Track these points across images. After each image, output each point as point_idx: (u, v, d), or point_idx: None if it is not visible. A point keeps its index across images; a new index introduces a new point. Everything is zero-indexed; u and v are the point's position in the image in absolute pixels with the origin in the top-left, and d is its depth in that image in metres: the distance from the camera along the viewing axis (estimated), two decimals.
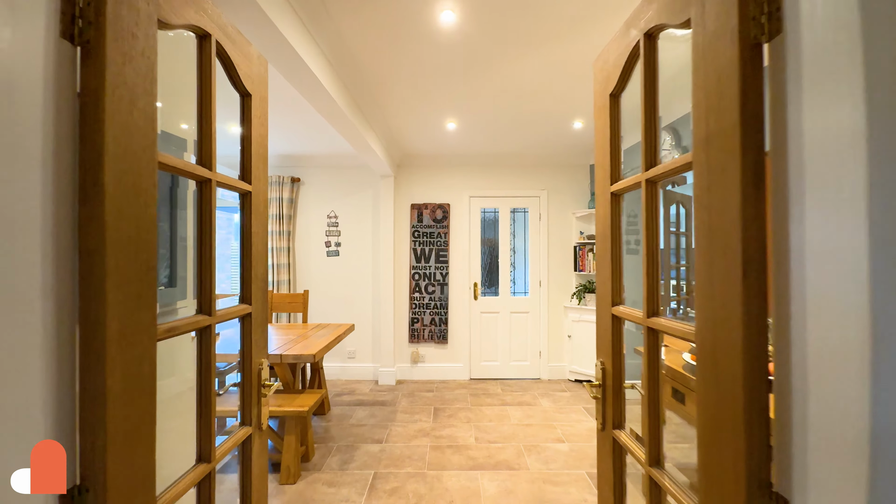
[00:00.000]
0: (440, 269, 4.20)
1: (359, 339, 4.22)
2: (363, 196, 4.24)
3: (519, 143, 3.72)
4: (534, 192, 4.24)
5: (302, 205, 4.24)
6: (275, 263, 4.06)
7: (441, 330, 4.20)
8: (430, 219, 4.22)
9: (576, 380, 4.10)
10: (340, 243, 4.22)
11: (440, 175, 4.25)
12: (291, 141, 3.66)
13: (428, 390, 3.87)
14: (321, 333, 3.01)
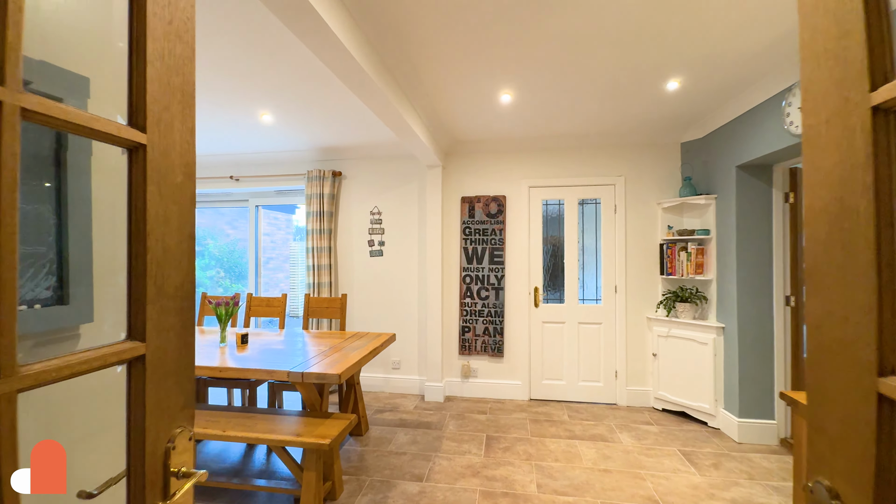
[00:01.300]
0: (495, 271, 3.66)
1: (404, 349, 3.81)
2: (408, 189, 3.82)
3: (589, 117, 3.05)
4: (607, 180, 3.52)
5: (344, 200, 3.93)
6: (315, 265, 3.78)
7: (496, 341, 3.65)
8: (483, 213, 3.68)
9: (663, 409, 3.32)
10: (384, 242, 3.85)
11: (494, 163, 3.70)
12: (331, 132, 3.34)
13: (480, 411, 3.34)
14: (357, 345, 2.62)
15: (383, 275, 3.85)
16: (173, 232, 0.65)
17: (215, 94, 2.58)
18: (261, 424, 2.10)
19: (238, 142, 3.63)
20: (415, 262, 3.80)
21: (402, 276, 3.81)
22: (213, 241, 6.04)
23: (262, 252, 6.17)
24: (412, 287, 3.80)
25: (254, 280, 4.44)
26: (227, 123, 3.10)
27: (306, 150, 3.86)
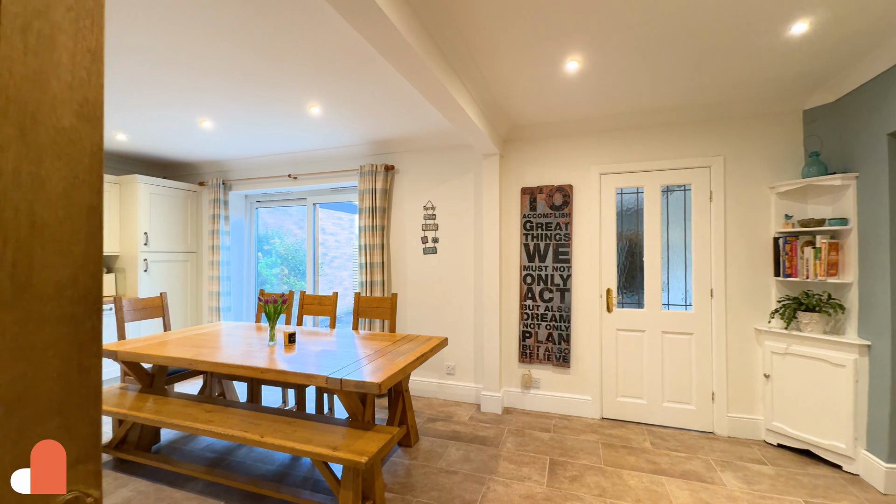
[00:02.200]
0: (560, 270, 3.24)
1: (459, 353, 3.54)
2: (463, 182, 3.54)
3: (679, 85, 2.52)
4: (701, 161, 2.93)
5: (396, 196, 3.76)
6: (367, 262, 3.66)
7: (561, 349, 3.22)
8: (547, 206, 3.28)
9: (779, 444, 2.66)
10: (438, 239, 3.61)
11: (558, 148, 3.28)
12: (382, 123, 3.18)
13: (543, 428, 2.95)
14: (405, 349, 2.40)
15: (437, 273, 3.61)
16: (53, 200, 0.43)
17: (260, 81, 2.52)
18: (300, 432, 1.96)
19: (294, 140, 3.62)
20: (470, 259, 3.51)
21: (456, 274, 3.55)
22: (280, 240, 6.30)
23: (320, 250, 6.30)
24: (467, 287, 3.51)
25: (311, 278, 4.47)
26: (278, 117, 3.07)
27: (358, 144, 3.76)
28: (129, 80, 2.42)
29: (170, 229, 4.23)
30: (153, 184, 4.06)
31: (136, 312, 3.00)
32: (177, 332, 2.91)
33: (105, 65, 2.17)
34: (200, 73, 2.32)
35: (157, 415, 2.19)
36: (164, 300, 3.18)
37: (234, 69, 2.27)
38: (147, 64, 2.22)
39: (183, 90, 2.55)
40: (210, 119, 3.07)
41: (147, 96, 2.65)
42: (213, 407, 2.30)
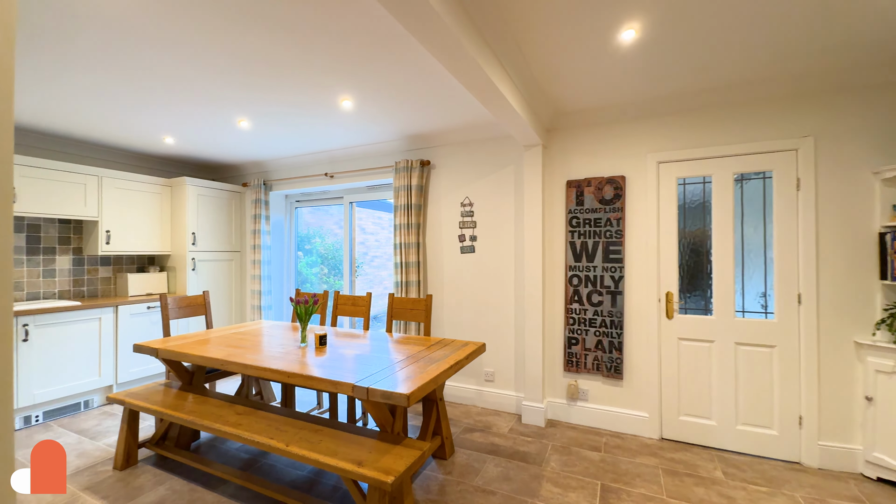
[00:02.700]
0: (611, 270, 2.92)
1: (499, 359, 3.32)
2: (503, 176, 3.31)
3: (757, 54, 2.14)
4: (784, 143, 2.50)
5: (432, 192, 3.60)
6: (403, 262, 3.53)
7: (612, 359, 2.90)
8: (595, 199, 2.97)
9: (879, 479, 2.20)
10: (476, 237, 3.40)
11: (609, 136, 2.96)
12: (416, 116, 3.03)
13: (592, 446, 2.66)
14: (439, 355, 2.23)
15: (475, 274, 3.41)
16: None
17: (290, 73, 2.44)
18: (325, 442, 1.84)
19: (329, 137, 3.57)
20: (510, 259, 3.27)
21: (495, 275, 3.32)
22: (321, 239, 6.38)
23: (360, 249, 6.29)
24: (507, 288, 3.28)
25: (348, 277, 4.43)
26: (310, 111, 3.00)
27: (393, 139, 3.64)
28: (167, 80, 2.43)
29: (215, 229, 4.35)
30: (200, 185, 4.19)
31: (181, 310, 3.07)
32: (217, 331, 2.93)
33: (143, 65, 2.18)
34: (231, 67, 2.27)
35: (190, 414, 2.17)
36: (207, 298, 3.23)
37: (263, 61, 2.20)
38: (181, 62, 2.20)
39: (217, 88, 2.54)
40: (247, 118, 3.07)
41: (185, 96, 2.67)
42: (244, 409, 2.25)
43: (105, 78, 2.38)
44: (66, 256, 3.69)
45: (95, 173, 3.60)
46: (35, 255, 3.50)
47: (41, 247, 3.54)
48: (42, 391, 3.07)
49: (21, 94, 2.61)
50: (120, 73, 2.33)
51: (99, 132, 3.42)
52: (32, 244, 3.48)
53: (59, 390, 3.15)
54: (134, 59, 2.17)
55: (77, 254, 3.76)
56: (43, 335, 3.08)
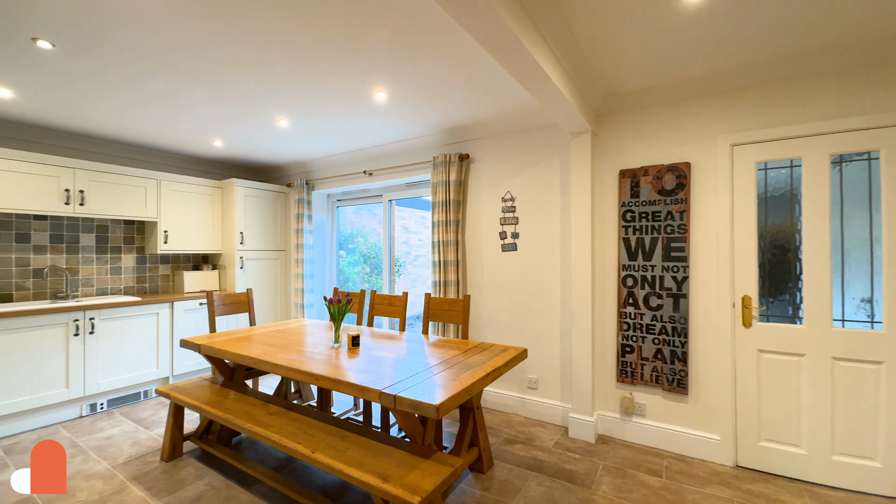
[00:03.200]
0: (672, 270, 2.57)
1: (543, 366, 3.07)
2: (547, 167, 3.06)
3: (858, 8, 1.74)
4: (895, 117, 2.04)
5: (472, 187, 3.43)
6: (441, 261, 3.39)
7: (675, 370, 2.56)
8: (654, 190, 2.64)
9: None
10: (518, 234, 3.18)
11: (670, 117, 2.61)
12: (455, 107, 2.87)
13: (651, 469, 2.35)
14: (476, 360, 2.05)
15: (517, 273, 3.18)
16: None
17: (320, 63, 2.38)
18: (352, 451, 1.73)
19: (366, 133, 3.52)
20: (556, 258, 3.01)
21: (539, 275, 3.08)
22: (364, 238, 6.43)
23: (403, 248, 6.25)
24: (552, 289, 3.02)
25: (388, 277, 4.37)
26: (344, 103, 2.94)
27: (431, 134, 3.51)
28: (207, 80, 2.47)
29: (262, 229, 4.48)
30: (247, 186, 4.33)
31: (225, 307, 3.14)
32: (260, 328, 2.97)
33: (184, 69, 2.21)
34: (263, 59, 2.25)
35: (225, 412, 2.17)
36: (250, 296, 3.30)
37: (294, 51, 2.15)
38: (218, 61, 2.21)
39: (254, 84, 2.55)
40: (286, 116, 3.08)
41: (227, 95, 2.71)
42: (277, 409, 2.22)
43: (155, 84, 2.47)
44: (130, 255, 3.95)
45: (154, 177, 3.81)
46: (104, 253, 3.78)
47: (109, 246, 3.81)
48: (106, 380, 3.28)
49: (88, 104, 2.78)
50: (165, 78, 2.40)
51: (155, 137, 3.62)
52: (101, 243, 3.76)
53: (121, 380, 3.36)
54: (176, 63, 2.21)
55: (140, 252, 4.02)
56: (107, 328, 3.29)
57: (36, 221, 3.40)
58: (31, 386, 2.91)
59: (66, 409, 3.11)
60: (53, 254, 3.49)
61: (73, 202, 3.34)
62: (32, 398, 2.91)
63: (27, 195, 3.12)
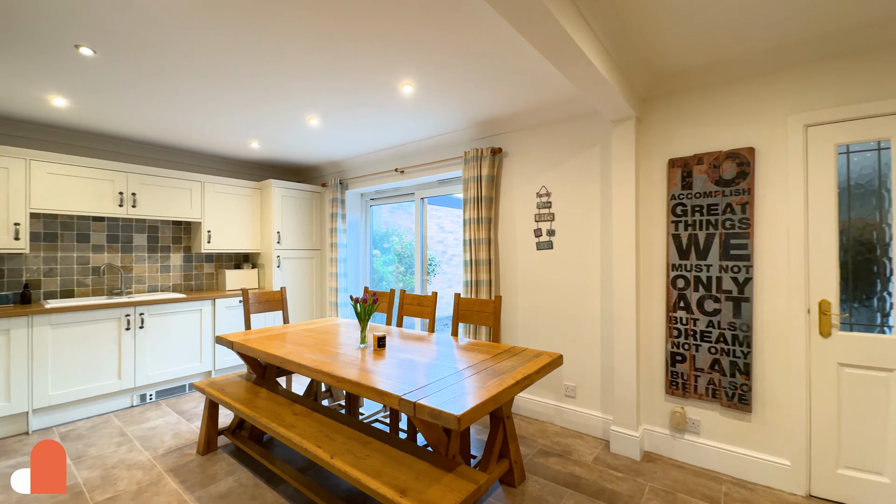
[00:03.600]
0: (732, 270, 2.28)
1: (581, 372, 2.85)
2: (586, 159, 2.84)
3: None
4: None
5: (505, 183, 3.26)
6: (472, 259, 3.25)
7: (735, 384, 2.27)
8: (709, 180, 2.35)
9: None
10: (554, 231, 2.98)
11: (729, 97, 2.32)
12: (486, 98, 2.73)
13: (707, 495, 2.09)
14: (505, 366, 1.92)
15: (553, 273, 2.98)
16: None
17: (344, 51, 2.32)
18: (371, 459, 1.65)
19: (398, 131, 3.46)
20: (595, 256, 2.79)
21: (577, 274, 2.86)
22: (399, 238, 6.42)
23: (435, 247, 6.18)
24: (592, 290, 2.80)
25: (420, 276, 4.29)
26: (371, 97, 2.89)
27: (462, 128, 3.38)
28: (237, 82, 2.50)
29: (298, 228, 4.57)
30: (284, 187, 4.42)
31: (260, 305, 3.20)
32: (293, 326, 2.99)
33: (218, 72, 2.24)
34: (289, 55, 2.23)
35: (253, 410, 2.18)
36: (284, 294, 3.34)
37: (317, 44, 2.11)
38: (247, 62, 2.22)
39: (282, 83, 2.55)
40: (315, 115, 3.08)
41: (257, 97, 2.74)
42: (302, 409, 2.19)
43: (190, 88, 2.53)
44: (178, 254, 4.16)
45: (199, 179, 3.98)
46: (154, 252, 4.00)
47: (159, 245, 4.03)
48: (154, 372, 3.46)
49: (133, 110, 2.93)
50: (199, 82, 2.45)
51: (197, 141, 3.77)
52: (152, 243, 3.98)
53: (168, 373, 3.53)
54: (207, 66, 2.24)
55: (187, 252, 4.22)
56: (155, 323, 3.47)
57: (94, 223, 3.65)
58: (87, 376, 3.11)
59: (118, 399, 3.30)
60: (110, 252, 3.73)
61: (126, 204, 3.55)
62: (88, 387, 3.11)
63: (86, 198, 3.35)
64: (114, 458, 2.50)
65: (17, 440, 2.76)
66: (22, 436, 2.83)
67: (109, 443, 2.72)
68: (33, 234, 3.33)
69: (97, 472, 2.34)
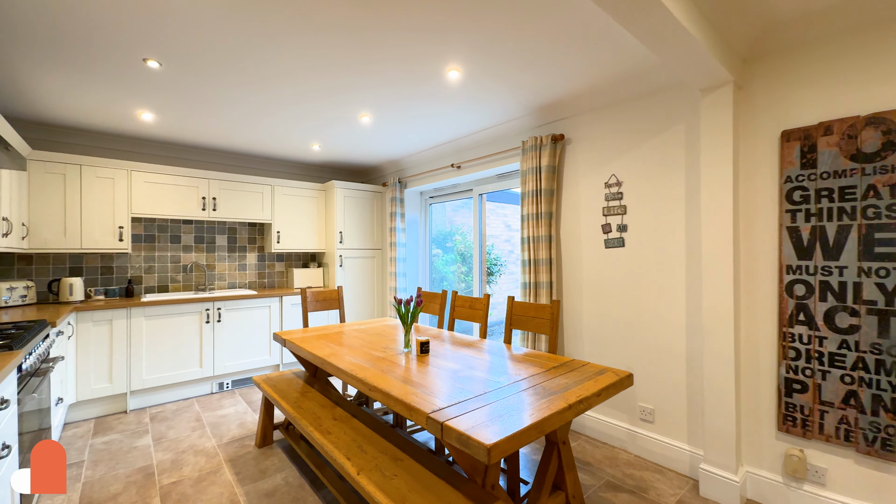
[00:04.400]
0: (879, 274, 1.71)
1: (661, 393, 2.40)
2: (666, 139, 2.38)
3: None
4: None
5: (568, 173, 2.91)
6: (530, 259, 2.95)
7: (880, 425, 1.69)
8: (843, 155, 1.79)
9: None
10: (626, 226, 2.57)
11: (868, 47, 1.73)
12: (544, 77, 2.44)
13: None
14: (559, 384, 1.64)
15: (625, 274, 2.57)
16: None
17: (391, 51, 2.20)
18: (400, 479, 1.48)
19: (452, 124, 3.29)
20: (679, 254, 2.32)
21: (655, 275, 2.42)
22: (462, 237, 6.27)
23: (497, 245, 5.90)
24: (675, 294, 2.34)
25: (478, 276, 4.08)
26: (417, 86, 2.74)
27: (520, 116, 3.09)
28: (291, 83, 2.52)
29: (359, 228, 4.64)
30: (346, 188, 4.52)
31: (318, 304, 3.26)
32: (345, 325, 2.98)
33: (267, 76, 2.28)
34: (332, 48, 2.17)
35: (295, 409, 2.16)
36: (340, 294, 3.36)
37: (362, 41, 2.01)
38: (298, 60, 2.21)
39: (332, 80, 2.52)
40: (367, 111, 3.04)
41: (311, 98, 2.76)
42: (342, 414, 2.12)
43: (250, 96, 2.63)
44: (253, 253, 4.47)
45: (269, 183, 4.23)
46: (233, 251, 4.33)
47: (237, 245, 4.36)
48: (230, 363, 3.72)
49: (204, 120, 3.16)
50: (260, 88, 2.53)
51: (265, 147, 3.99)
52: (231, 243, 4.32)
53: (241, 364, 3.78)
54: (260, 70, 2.29)
55: (260, 251, 4.52)
56: (230, 317, 3.73)
57: (184, 225, 4.05)
58: (174, 363, 3.44)
59: (200, 386, 3.61)
60: (196, 252, 4.12)
61: (207, 208, 3.88)
62: (175, 374, 3.43)
63: (176, 203, 3.72)
64: (186, 443, 2.69)
65: (115, 418, 3.12)
66: (120, 414, 3.20)
67: (186, 427, 2.95)
68: (135, 235, 3.79)
69: (169, 455, 2.52)
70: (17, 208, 2.85)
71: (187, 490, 2.15)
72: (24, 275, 3.31)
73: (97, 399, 3.14)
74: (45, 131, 3.36)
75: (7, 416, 1.40)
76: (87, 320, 3.09)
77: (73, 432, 2.87)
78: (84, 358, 3.07)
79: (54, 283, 3.34)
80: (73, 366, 3.00)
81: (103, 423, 3.04)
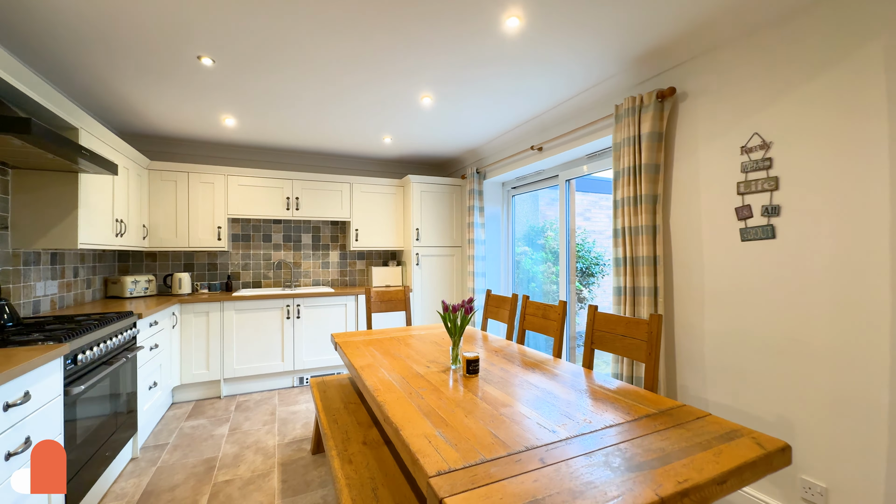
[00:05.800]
0: None
1: (838, 464, 1.54)
2: (845, 72, 1.51)
3: None
4: None
5: (681, 140, 2.14)
6: (626, 257, 2.26)
7: None
8: None
9: None
10: (778, 208, 1.74)
11: None
12: (652, 11, 1.79)
13: None
14: (654, 449, 1.08)
15: (775, 279, 1.74)
16: None
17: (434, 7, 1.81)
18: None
19: (529, 98, 2.77)
20: (876, 250, 1.44)
21: (832, 283, 1.56)
22: (555, 233, 5.57)
23: (597, 243, 5.05)
24: (869, 313, 1.46)
25: (565, 276, 3.45)
26: (474, 49, 2.29)
27: (613, 75, 2.42)
28: (343, 70, 2.33)
29: (437, 225, 4.37)
30: (422, 182, 4.30)
31: (382, 304, 3.06)
32: (406, 329, 2.72)
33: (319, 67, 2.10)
34: (379, 20, 1.88)
35: (330, 422, 1.92)
36: (406, 294, 3.12)
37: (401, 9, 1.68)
38: (346, 45, 2.00)
39: (380, 57, 2.25)
40: (428, 91, 2.71)
41: (369, 82, 2.54)
42: (375, 438, 1.81)
43: (322, 90, 2.53)
44: (335, 251, 4.55)
45: (347, 181, 4.23)
46: (317, 250, 4.47)
47: (320, 243, 4.48)
48: (309, 359, 3.79)
49: (280, 121, 3.21)
50: (316, 81, 2.40)
51: (340, 144, 3.98)
52: (315, 241, 4.46)
53: (319, 360, 3.83)
54: (313, 55, 2.13)
55: (342, 249, 4.58)
56: (309, 314, 3.80)
57: (274, 224, 4.29)
58: (260, 356, 3.61)
59: (282, 379, 3.74)
60: (285, 251, 4.33)
61: (291, 207, 4.03)
62: (260, 365, 3.61)
63: (265, 204, 3.94)
64: (252, 438, 2.72)
65: (209, 403, 3.38)
66: (215, 399, 3.46)
67: (259, 420, 3.02)
68: (233, 235, 4.13)
69: (234, 449, 2.56)
70: (136, 211, 3.25)
71: (234, 493, 2.09)
72: (150, 270, 3.83)
73: (197, 384, 3.45)
74: (161, 143, 3.84)
75: (30, 410, 1.32)
76: (189, 312, 3.40)
77: (174, 413, 3.17)
78: (186, 345, 3.38)
79: (168, 277, 3.79)
80: (177, 352, 3.33)
81: (200, 406, 3.31)
